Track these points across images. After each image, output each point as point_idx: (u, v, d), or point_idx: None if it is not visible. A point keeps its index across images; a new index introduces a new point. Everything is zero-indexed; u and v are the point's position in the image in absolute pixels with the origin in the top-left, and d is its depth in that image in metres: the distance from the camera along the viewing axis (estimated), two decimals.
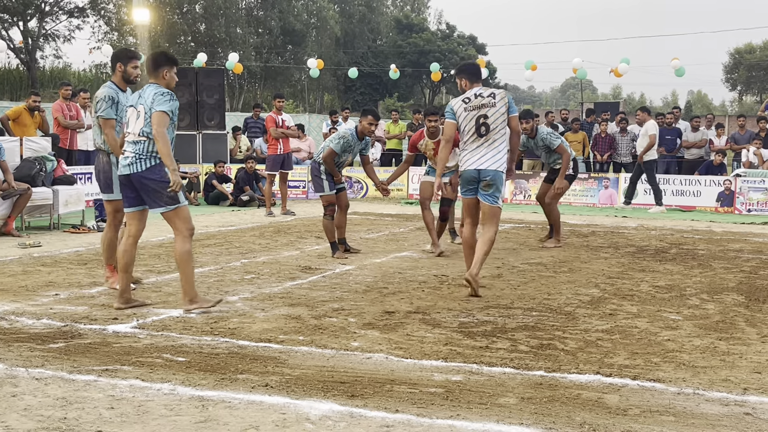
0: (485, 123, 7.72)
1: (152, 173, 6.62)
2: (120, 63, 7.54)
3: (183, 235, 6.71)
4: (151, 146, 6.61)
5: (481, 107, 7.75)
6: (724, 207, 16.84)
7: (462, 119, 7.81)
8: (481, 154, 7.74)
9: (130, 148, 6.71)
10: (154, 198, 6.68)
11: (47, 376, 4.81)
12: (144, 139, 6.63)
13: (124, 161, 6.72)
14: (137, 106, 6.75)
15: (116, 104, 7.46)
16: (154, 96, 6.65)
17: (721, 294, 7.86)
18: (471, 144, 7.79)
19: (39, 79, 40.43)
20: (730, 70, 69.14)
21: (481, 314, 6.75)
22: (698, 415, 4.33)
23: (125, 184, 6.78)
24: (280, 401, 4.42)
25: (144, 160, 6.62)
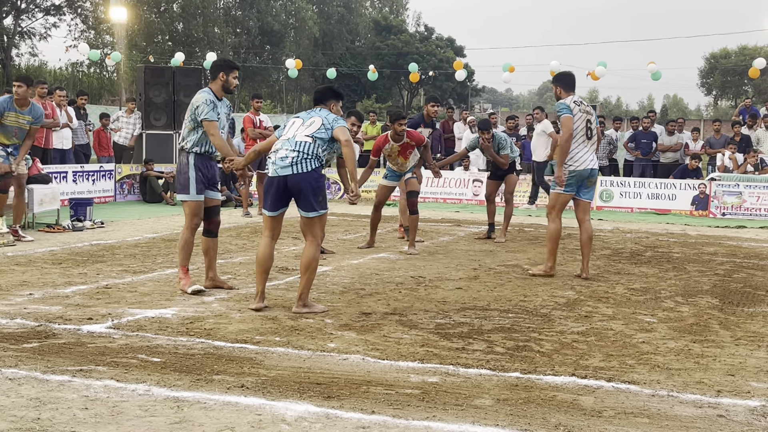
0: (590, 128, 8.64)
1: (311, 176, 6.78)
2: (222, 72, 7.60)
3: (316, 240, 6.88)
4: (317, 150, 6.78)
5: (586, 113, 8.65)
6: (699, 210, 16.97)
7: (576, 119, 8.52)
8: (591, 154, 8.69)
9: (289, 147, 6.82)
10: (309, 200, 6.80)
11: (21, 376, 4.77)
12: (310, 140, 6.79)
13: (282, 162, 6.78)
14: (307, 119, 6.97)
15: (216, 108, 7.53)
16: (335, 117, 7.00)
17: (695, 297, 7.92)
18: (582, 145, 8.59)
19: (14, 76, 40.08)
20: (705, 75, 69.75)
21: (458, 316, 6.76)
22: (672, 417, 4.36)
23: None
24: (255, 402, 4.41)
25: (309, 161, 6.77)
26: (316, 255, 6.84)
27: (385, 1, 68.85)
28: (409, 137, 10.59)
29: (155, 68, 20.48)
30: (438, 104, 12.53)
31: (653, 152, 19.14)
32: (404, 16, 68.61)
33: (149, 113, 18.73)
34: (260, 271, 6.94)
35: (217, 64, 7.77)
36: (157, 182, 17.30)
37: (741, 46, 67.03)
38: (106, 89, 44.24)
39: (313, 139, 6.80)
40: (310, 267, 6.81)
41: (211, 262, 7.83)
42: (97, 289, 7.51)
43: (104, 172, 16.87)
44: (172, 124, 18.81)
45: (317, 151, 6.78)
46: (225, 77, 7.60)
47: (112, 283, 7.80)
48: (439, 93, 58.38)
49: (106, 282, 7.88)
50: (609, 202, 17.59)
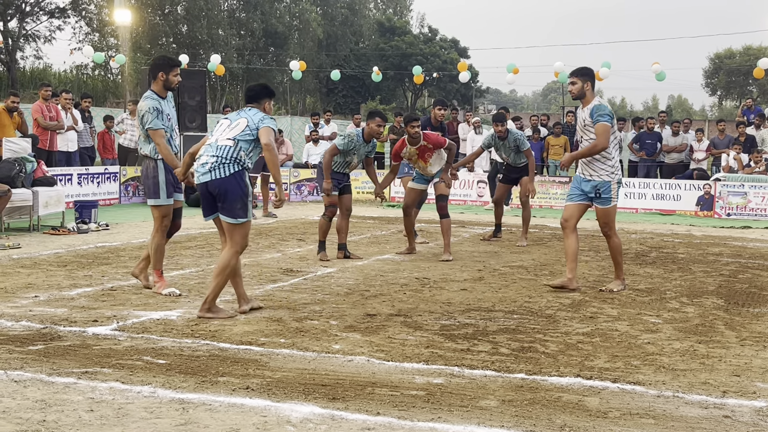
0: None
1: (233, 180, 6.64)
2: (162, 72, 7.56)
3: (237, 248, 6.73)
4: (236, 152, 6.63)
5: None
6: (704, 211, 16.95)
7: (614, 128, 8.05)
8: None
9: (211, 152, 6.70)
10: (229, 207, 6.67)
11: (26, 378, 4.78)
12: (231, 144, 6.64)
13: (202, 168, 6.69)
14: (234, 119, 6.78)
15: (161, 113, 7.52)
16: (263, 117, 6.73)
17: (700, 297, 7.91)
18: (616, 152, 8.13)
19: (19, 79, 40.18)
20: (710, 75, 69.60)
21: (463, 317, 6.76)
22: (678, 418, 4.36)
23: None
24: (261, 404, 4.41)
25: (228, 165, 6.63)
26: (231, 262, 6.66)
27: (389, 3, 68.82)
28: (426, 140, 10.33)
29: None
30: (444, 107, 12.39)
31: (658, 153, 19.12)
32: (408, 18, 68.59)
33: None
34: (230, 276, 6.84)
35: (156, 63, 7.70)
36: None
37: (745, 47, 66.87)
38: (110, 92, 44.25)
39: (234, 142, 6.64)
40: (222, 273, 6.63)
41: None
42: (102, 292, 7.53)
43: (109, 175, 16.90)
44: (177, 126, 18.80)
45: (238, 155, 6.62)
46: (165, 76, 7.56)
47: (117, 285, 7.82)
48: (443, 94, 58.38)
49: (111, 284, 7.89)
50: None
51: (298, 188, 19.10)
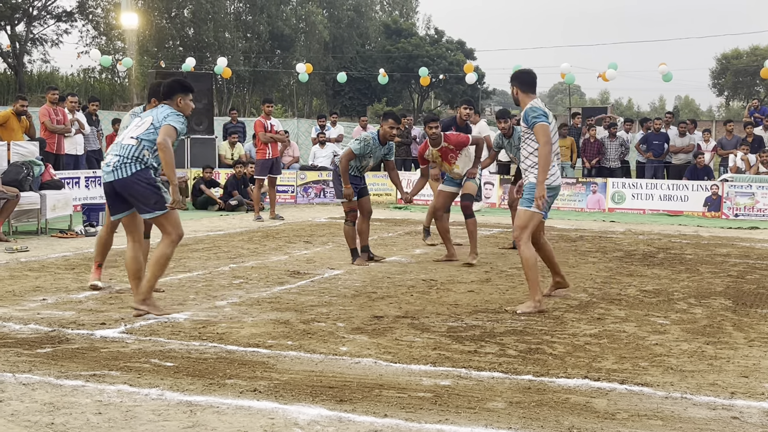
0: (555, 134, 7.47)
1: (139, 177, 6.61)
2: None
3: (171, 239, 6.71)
4: (139, 152, 6.60)
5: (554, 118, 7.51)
6: (712, 212, 16.91)
7: (552, 126, 7.27)
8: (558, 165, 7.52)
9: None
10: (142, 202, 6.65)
11: (34, 381, 4.79)
12: (135, 143, 6.62)
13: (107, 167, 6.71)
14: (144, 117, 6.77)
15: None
16: (168, 114, 6.71)
17: (708, 298, 7.89)
18: (555, 157, 7.39)
19: (26, 83, 40.28)
20: (717, 76, 69.48)
21: (470, 319, 6.75)
22: (686, 419, 4.35)
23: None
24: (268, 406, 4.41)
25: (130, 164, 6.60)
26: (166, 252, 6.67)
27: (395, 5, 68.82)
28: (447, 141, 10.02)
29: (166, 74, 20.56)
30: (470, 107, 11.84)
31: (665, 153, 19.08)
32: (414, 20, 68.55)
33: None
34: (128, 275, 6.89)
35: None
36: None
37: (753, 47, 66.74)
38: (117, 95, 44.36)
39: (138, 141, 6.62)
40: (157, 262, 6.66)
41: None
42: (110, 294, 7.54)
43: None
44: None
45: (141, 153, 6.60)
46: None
47: (125, 288, 7.82)
48: (449, 96, 58.36)
49: (118, 287, 7.91)
50: (621, 203, 17.55)
51: (304, 190, 19.11)
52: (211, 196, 16.95)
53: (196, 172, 17.92)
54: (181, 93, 6.86)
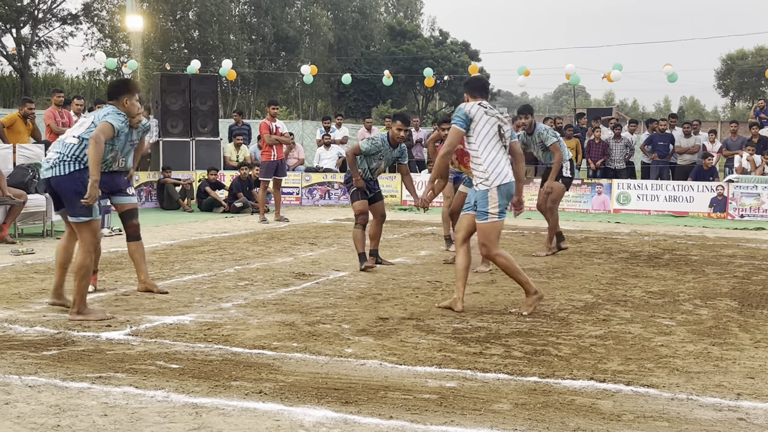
0: (503, 134, 7.04)
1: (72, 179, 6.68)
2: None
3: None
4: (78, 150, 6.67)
5: (498, 118, 7.06)
6: (717, 213, 16.88)
7: (483, 123, 6.95)
8: (508, 165, 7.08)
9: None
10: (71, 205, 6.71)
11: (40, 383, 4.80)
12: (76, 141, 6.68)
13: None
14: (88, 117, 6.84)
15: None
16: (109, 112, 6.75)
17: (714, 299, 7.87)
18: (499, 151, 6.97)
19: (32, 86, 40.39)
20: (722, 76, 69.37)
21: (475, 320, 6.75)
22: (692, 421, 4.34)
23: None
24: (274, 408, 4.42)
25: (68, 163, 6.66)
26: (85, 262, 6.64)
27: (400, 7, 68.89)
28: (462, 143, 9.73)
29: (171, 76, 20.58)
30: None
31: (670, 154, 19.06)
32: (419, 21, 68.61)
33: (166, 121, 18.83)
34: (56, 264, 6.98)
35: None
36: (174, 189, 17.38)
37: (758, 47, 66.64)
38: None
39: (79, 140, 6.65)
40: (78, 274, 6.65)
41: (138, 265, 7.80)
42: (116, 296, 7.55)
43: None
44: (189, 131, 18.91)
45: (81, 153, 6.62)
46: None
47: (130, 290, 7.84)
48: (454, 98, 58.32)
49: (124, 289, 7.92)
50: (626, 204, 17.52)
51: (309, 192, 19.11)
52: (216, 198, 16.97)
53: (201, 174, 17.94)
54: (126, 93, 6.90)
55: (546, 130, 10.52)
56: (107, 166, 7.22)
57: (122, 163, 7.33)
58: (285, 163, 15.55)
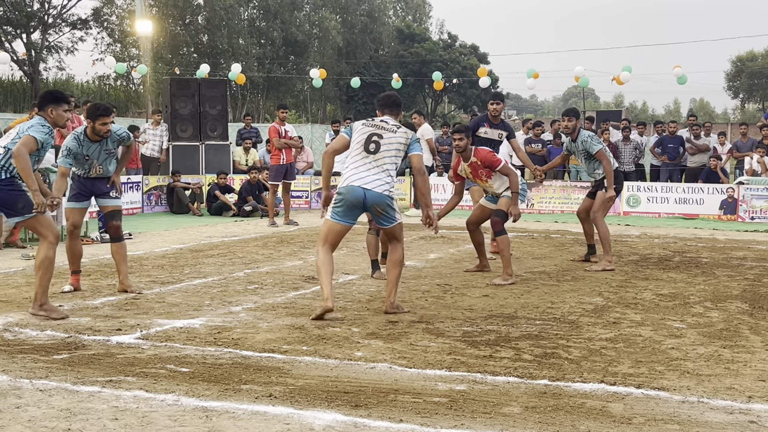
0: (375, 141, 7.01)
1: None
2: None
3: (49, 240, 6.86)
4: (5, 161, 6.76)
5: (375, 130, 7.07)
6: (728, 215, 16.82)
7: (358, 133, 7.11)
8: (367, 172, 6.96)
9: None
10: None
11: (51, 387, 4.81)
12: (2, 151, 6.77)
13: None
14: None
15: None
16: (33, 124, 6.80)
17: (724, 302, 7.85)
18: (359, 159, 7.01)
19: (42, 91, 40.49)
20: (732, 78, 69.15)
21: (485, 323, 6.74)
22: (703, 424, 4.33)
23: None
24: (283, 411, 4.42)
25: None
26: (48, 254, 6.80)
27: (409, 10, 68.86)
28: (476, 156, 9.06)
29: (181, 80, 20.65)
30: (498, 101, 10.53)
31: (680, 156, 19.01)
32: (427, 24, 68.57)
33: (176, 125, 18.88)
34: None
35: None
36: (183, 193, 17.42)
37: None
38: (132, 102, 44.56)
39: (5, 150, 6.75)
40: (41, 266, 6.79)
41: (117, 266, 8.10)
42: (126, 300, 7.57)
43: (132, 184, 17.01)
44: (198, 136, 18.97)
45: (7, 162, 6.72)
46: (92, 124, 7.81)
47: (140, 294, 7.86)
48: (463, 100, 58.32)
49: (135, 293, 7.93)
50: (636, 207, 17.48)
51: (319, 196, 19.12)
52: (225, 201, 16.99)
53: (211, 178, 17.98)
54: (52, 104, 6.97)
55: (590, 137, 9.86)
56: (85, 173, 7.88)
57: (100, 170, 7.91)
58: (294, 167, 15.56)
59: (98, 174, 7.99)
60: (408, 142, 7.10)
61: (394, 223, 7.15)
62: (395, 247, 7.25)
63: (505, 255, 8.88)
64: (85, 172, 7.97)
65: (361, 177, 6.95)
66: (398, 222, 7.19)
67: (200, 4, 49.05)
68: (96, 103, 8.39)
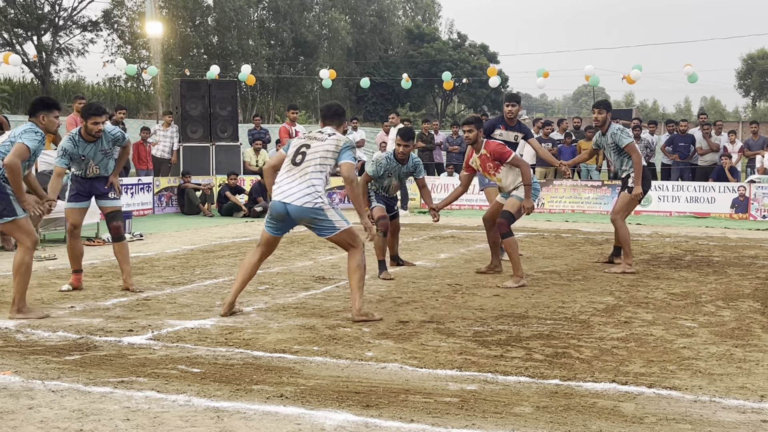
0: (302, 152, 6.88)
1: None
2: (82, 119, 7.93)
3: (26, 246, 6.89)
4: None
5: (311, 139, 6.98)
6: (739, 213, 16.76)
7: (290, 146, 7.06)
8: (291, 185, 6.87)
9: None
10: None
11: (63, 388, 4.83)
12: None
13: None
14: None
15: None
16: (26, 130, 6.81)
17: (736, 301, 7.82)
18: (288, 171, 6.91)
19: (53, 92, 40.69)
20: (743, 76, 68.90)
21: (496, 323, 6.74)
22: (715, 423, 4.31)
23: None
24: (295, 412, 4.42)
25: None
26: (24, 259, 6.83)
27: (418, 10, 68.91)
28: (486, 148, 8.93)
29: (191, 81, 20.72)
30: (513, 103, 10.21)
31: (691, 155, 18.94)
32: (437, 24, 68.61)
33: (186, 126, 18.93)
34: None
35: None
36: (194, 194, 17.46)
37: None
38: (143, 103, 44.73)
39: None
40: (18, 271, 6.81)
41: (120, 265, 8.24)
42: (137, 301, 7.59)
43: (143, 185, 17.06)
44: (209, 137, 19.02)
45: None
46: (85, 122, 7.93)
47: (152, 295, 7.88)
48: (473, 100, 58.32)
49: (145, 294, 7.96)
50: (647, 206, 17.43)
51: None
52: (236, 202, 17.03)
53: (221, 179, 18.02)
54: (43, 110, 7.00)
55: (620, 130, 9.54)
56: (83, 173, 8.04)
57: (96, 170, 8.05)
58: None
59: (96, 174, 8.12)
60: (339, 149, 6.84)
61: (335, 231, 6.86)
62: (351, 255, 6.91)
63: (514, 257, 8.70)
64: (82, 172, 8.11)
65: (283, 191, 6.81)
66: (342, 229, 6.87)
67: (210, 5, 49.22)
68: (90, 103, 8.48)
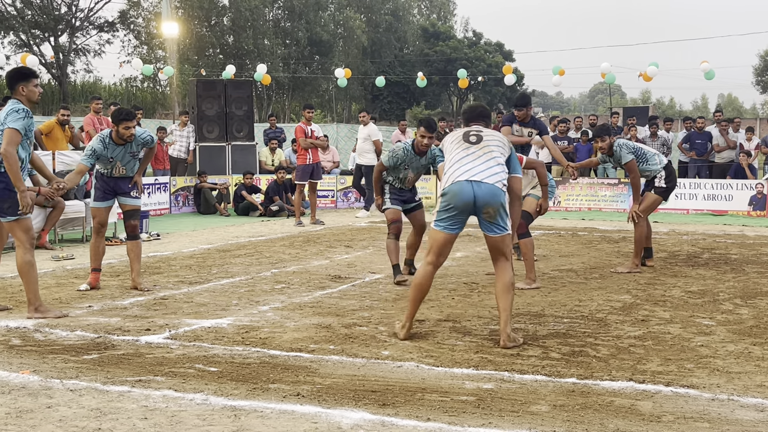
0: (477, 135, 6.48)
1: None
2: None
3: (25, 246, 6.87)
4: None
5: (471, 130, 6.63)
6: (757, 211, 16.66)
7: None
8: None
9: None
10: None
11: (81, 387, 4.86)
12: None
13: None
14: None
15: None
16: (8, 112, 6.65)
17: (754, 298, 7.78)
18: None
19: (70, 93, 40.91)
20: (760, 73, 68.42)
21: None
22: (733, 421, 4.29)
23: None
24: (311, 410, 4.43)
25: None
26: (26, 258, 6.80)
27: (433, 8, 68.77)
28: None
29: (207, 81, 20.76)
30: (521, 107, 9.95)
31: (708, 153, 18.84)
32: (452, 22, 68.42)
33: (202, 126, 18.98)
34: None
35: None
36: (210, 194, 17.51)
37: None
38: (159, 103, 44.90)
39: None
40: (23, 271, 6.81)
41: (131, 263, 8.34)
42: (155, 301, 7.62)
43: (159, 185, 17.12)
44: (225, 136, 19.06)
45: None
46: (116, 128, 8.05)
47: (169, 294, 7.91)
48: (488, 98, 58.13)
49: (163, 293, 7.99)
50: (664, 204, 17.33)
51: (344, 195, 19.16)
52: (252, 202, 17.06)
53: (237, 179, 18.06)
54: (21, 81, 6.79)
55: (620, 147, 9.55)
56: (108, 172, 8.16)
57: (122, 170, 8.18)
58: (320, 167, 15.59)
59: (121, 174, 8.26)
60: (508, 150, 6.44)
61: (504, 232, 6.24)
62: (504, 269, 6.30)
63: (529, 258, 8.60)
64: (108, 171, 8.22)
65: (467, 170, 6.18)
66: (509, 232, 6.30)
67: (225, 5, 49.30)
68: (120, 108, 8.50)
